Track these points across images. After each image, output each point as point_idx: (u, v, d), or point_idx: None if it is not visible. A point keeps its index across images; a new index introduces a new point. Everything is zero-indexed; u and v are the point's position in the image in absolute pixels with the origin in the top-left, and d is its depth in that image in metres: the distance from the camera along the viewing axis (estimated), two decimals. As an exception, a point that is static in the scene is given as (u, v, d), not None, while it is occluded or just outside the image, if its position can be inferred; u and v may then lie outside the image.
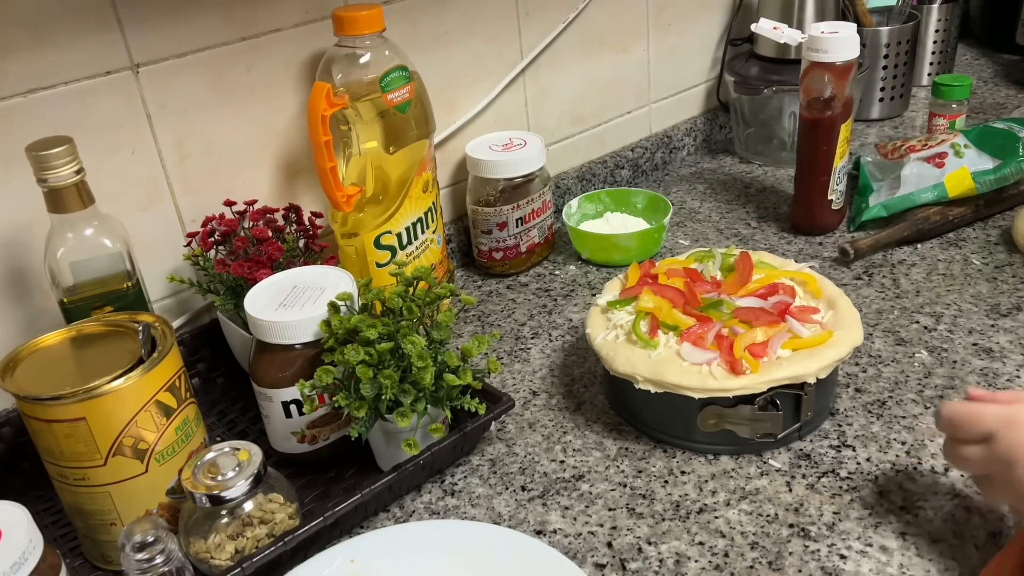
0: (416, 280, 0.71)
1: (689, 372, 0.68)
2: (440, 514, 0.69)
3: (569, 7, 1.08)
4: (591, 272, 1.02)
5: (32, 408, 0.60)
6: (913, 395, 0.76)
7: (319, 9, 0.87)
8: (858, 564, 0.60)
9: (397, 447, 0.68)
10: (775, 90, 1.17)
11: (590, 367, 0.85)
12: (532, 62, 1.07)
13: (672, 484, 0.69)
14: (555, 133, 1.13)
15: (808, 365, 0.68)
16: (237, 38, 0.82)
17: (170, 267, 0.84)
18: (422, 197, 0.88)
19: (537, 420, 0.78)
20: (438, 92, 0.96)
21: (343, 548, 0.62)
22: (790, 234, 1.05)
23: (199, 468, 0.61)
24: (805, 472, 0.69)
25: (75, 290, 0.71)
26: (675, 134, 1.27)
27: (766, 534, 0.64)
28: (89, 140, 0.75)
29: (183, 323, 0.87)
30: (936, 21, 1.37)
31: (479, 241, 1.02)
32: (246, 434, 0.80)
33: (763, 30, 1.11)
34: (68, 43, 0.73)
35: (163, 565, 0.53)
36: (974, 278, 0.92)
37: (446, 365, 0.67)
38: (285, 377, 0.70)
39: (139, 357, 0.62)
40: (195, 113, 0.82)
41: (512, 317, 0.95)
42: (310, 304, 0.71)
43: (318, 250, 0.84)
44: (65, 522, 0.70)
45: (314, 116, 0.79)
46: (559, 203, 1.11)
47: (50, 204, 0.68)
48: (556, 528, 0.66)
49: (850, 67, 0.95)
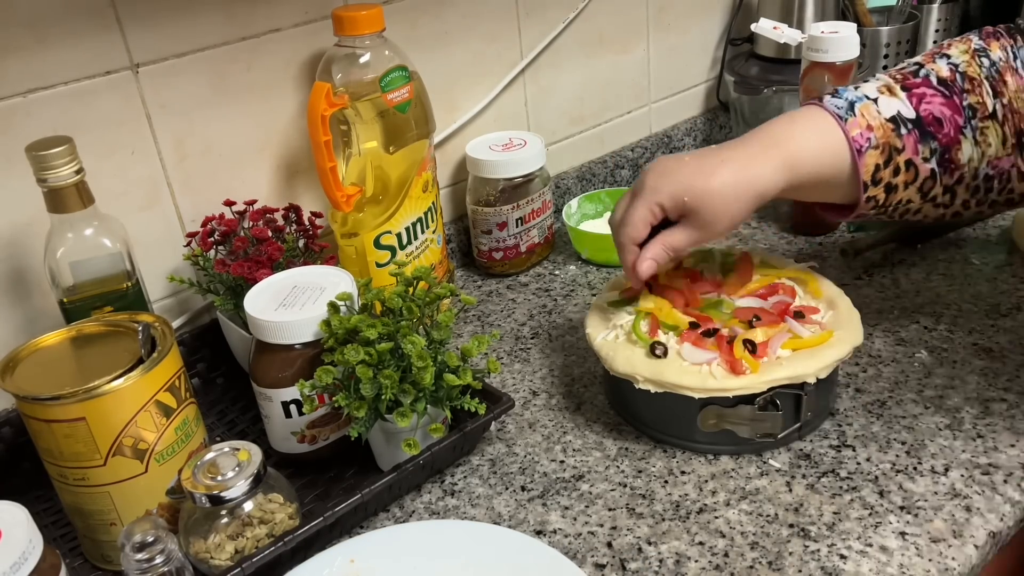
0: (416, 280, 0.71)
1: (689, 372, 0.68)
2: (440, 514, 0.69)
3: (569, 7, 1.08)
4: (591, 272, 1.02)
5: (32, 408, 0.60)
6: (913, 395, 0.76)
7: (319, 9, 0.87)
8: (858, 564, 0.60)
9: (397, 447, 0.68)
10: (775, 90, 1.16)
11: (590, 367, 0.85)
12: (532, 62, 1.07)
13: (672, 484, 0.69)
14: (555, 133, 1.13)
15: (808, 365, 0.68)
16: (237, 38, 0.82)
17: (170, 267, 0.84)
18: (422, 197, 0.88)
19: (537, 420, 0.78)
20: (438, 92, 0.96)
21: (343, 548, 0.62)
22: (790, 234, 1.05)
23: (199, 468, 0.61)
24: (805, 472, 0.69)
25: (75, 290, 0.71)
26: (675, 134, 1.27)
27: (766, 534, 0.64)
28: (89, 140, 0.75)
29: (183, 323, 0.87)
30: (936, 21, 1.37)
31: (479, 241, 1.02)
32: (246, 434, 0.79)
33: (763, 30, 1.11)
34: (68, 43, 0.73)
35: (163, 565, 0.53)
36: (974, 278, 0.92)
37: (446, 365, 0.67)
38: (285, 377, 0.70)
39: (139, 357, 0.62)
40: (195, 113, 0.82)
41: (512, 317, 0.95)
42: (310, 304, 0.71)
43: (318, 250, 0.84)
44: (65, 522, 0.70)
45: (314, 116, 0.79)
46: (559, 203, 1.11)
47: (50, 204, 0.68)
48: (556, 528, 0.66)
49: (850, 67, 0.95)
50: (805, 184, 0.68)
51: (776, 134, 0.68)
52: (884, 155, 0.67)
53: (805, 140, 0.67)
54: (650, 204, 0.69)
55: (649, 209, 0.69)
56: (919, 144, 0.67)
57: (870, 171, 0.67)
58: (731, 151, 0.68)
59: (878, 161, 0.67)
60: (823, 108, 0.69)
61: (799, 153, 0.67)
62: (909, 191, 0.69)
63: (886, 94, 0.69)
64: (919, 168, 0.68)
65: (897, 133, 0.67)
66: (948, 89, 0.69)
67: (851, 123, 0.67)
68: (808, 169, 0.67)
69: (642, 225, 0.70)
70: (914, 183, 0.68)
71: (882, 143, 0.67)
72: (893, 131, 0.67)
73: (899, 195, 0.69)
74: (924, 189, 0.69)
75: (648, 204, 0.69)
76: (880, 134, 0.67)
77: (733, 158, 0.68)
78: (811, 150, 0.67)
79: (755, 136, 0.69)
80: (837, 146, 0.67)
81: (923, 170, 0.68)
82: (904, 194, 0.69)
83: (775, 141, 0.68)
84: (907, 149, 0.67)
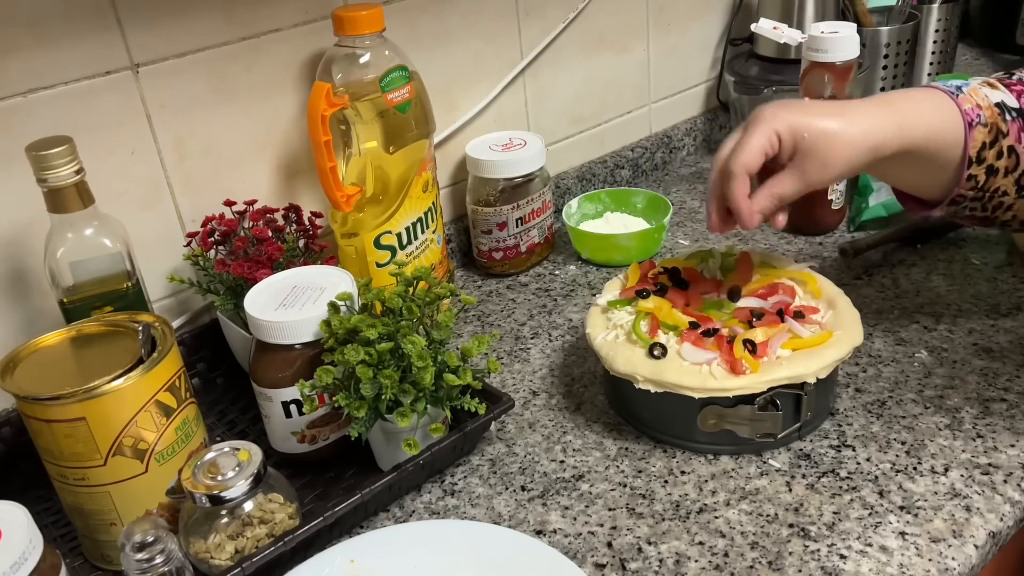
0: (416, 280, 0.71)
1: (689, 372, 0.68)
2: (440, 514, 0.69)
3: (569, 7, 1.08)
4: (591, 272, 1.02)
5: (32, 408, 0.60)
6: (913, 395, 0.76)
7: (319, 9, 0.87)
8: (858, 564, 0.60)
9: (397, 447, 0.68)
10: (775, 90, 1.16)
11: (590, 367, 0.85)
12: (532, 62, 1.07)
13: (672, 484, 0.69)
14: (555, 133, 1.13)
15: (808, 365, 0.68)
16: (237, 38, 0.82)
17: (170, 267, 0.84)
18: (422, 197, 0.88)
19: (537, 420, 0.78)
20: (438, 92, 0.96)
21: (343, 548, 0.62)
22: (790, 234, 1.05)
23: (199, 468, 0.61)
24: (805, 472, 0.69)
25: (75, 290, 0.71)
26: (675, 134, 1.27)
27: (766, 534, 0.64)
28: (89, 140, 0.75)
29: (183, 323, 0.87)
30: (936, 21, 1.37)
31: (479, 241, 1.02)
32: (246, 434, 0.79)
33: (763, 30, 1.11)
34: (68, 43, 0.73)
35: (163, 565, 0.53)
36: (974, 278, 0.92)
37: (446, 365, 0.67)
38: (285, 377, 0.70)
39: (139, 357, 0.62)
40: (195, 113, 0.82)
41: (512, 317, 0.95)
42: (310, 304, 0.71)
43: (318, 250, 0.84)
44: (65, 522, 0.70)
45: (314, 116, 0.79)
46: (559, 203, 1.11)
47: (50, 204, 0.68)
48: (556, 528, 0.66)
49: (850, 67, 0.95)
50: (914, 151, 0.67)
51: (892, 100, 0.68)
52: (991, 134, 0.67)
53: (921, 108, 0.67)
54: (769, 132, 0.66)
55: (768, 137, 0.66)
56: (1022, 133, 0.67)
57: (977, 146, 0.67)
58: (850, 104, 0.68)
59: (985, 139, 0.67)
60: (934, 87, 0.69)
61: (914, 118, 0.67)
62: (1008, 180, 0.68)
63: (987, 87, 0.69)
64: (1020, 157, 0.68)
65: (1003, 118, 0.67)
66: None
67: (962, 99, 0.67)
68: (921, 135, 0.67)
69: (759, 153, 0.66)
70: (1014, 172, 0.68)
71: (990, 123, 0.67)
72: (1000, 115, 0.67)
73: (998, 181, 0.68)
74: (1021, 182, 0.69)
75: (767, 132, 0.66)
76: (989, 114, 0.67)
77: (854, 108, 0.67)
78: (926, 117, 0.67)
79: (874, 98, 0.69)
80: (950, 117, 0.67)
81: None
82: (1003, 182, 0.68)
83: (892, 104, 0.67)
84: (1011, 134, 0.67)
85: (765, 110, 0.67)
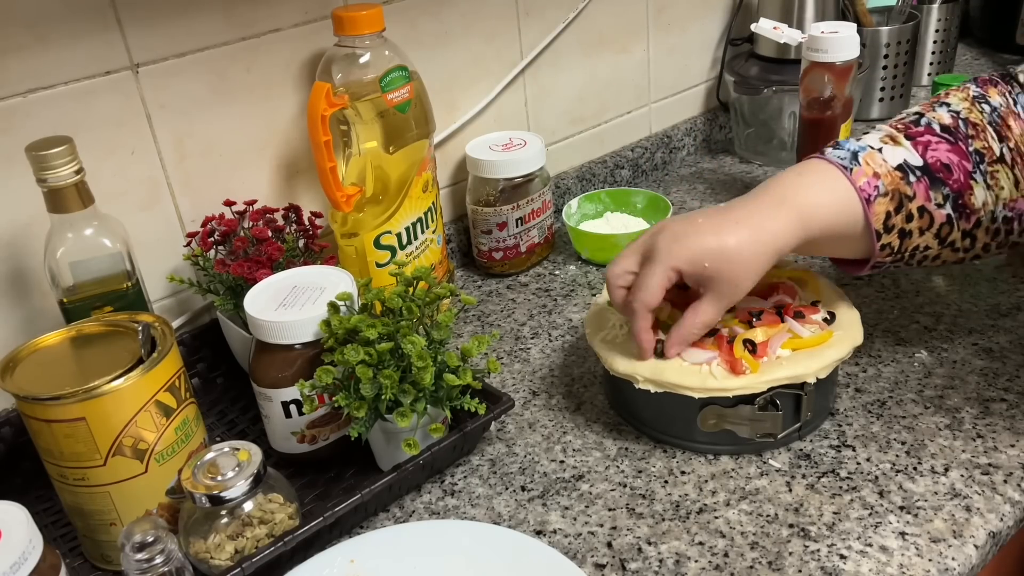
0: (416, 280, 0.71)
1: (689, 372, 0.68)
2: (440, 514, 0.69)
3: (569, 7, 1.08)
4: (591, 272, 1.02)
5: (32, 408, 0.60)
6: (913, 395, 0.76)
7: (319, 9, 0.87)
8: (858, 564, 0.60)
9: (397, 447, 0.68)
10: (775, 90, 1.17)
11: (590, 367, 0.85)
12: (532, 62, 1.07)
13: (672, 484, 0.69)
14: (555, 133, 1.13)
15: (808, 365, 0.68)
16: (237, 38, 0.82)
17: (170, 267, 0.84)
18: (422, 197, 0.88)
19: (537, 420, 0.78)
20: (438, 92, 0.97)
21: (343, 548, 0.62)
22: (790, 234, 1.05)
23: (199, 468, 0.61)
24: (805, 472, 0.69)
25: (75, 290, 0.71)
26: (675, 134, 1.27)
27: (766, 534, 0.64)
28: (89, 140, 0.75)
29: (183, 323, 0.87)
30: (936, 21, 1.37)
31: (479, 241, 1.02)
32: (246, 434, 0.79)
33: (763, 30, 1.11)
34: (68, 43, 0.73)
35: (163, 565, 0.53)
36: (974, 278, 0.92)
37: (446, 365, 0.67)
38: (285, 377, 0.70)
39: (139, 357, 0.62)
40: (195, 113, 0.82)
41: (512, 317, 0.95)
42: (310, 304, 0.71)
43: (318, 250, 0.84)
44: (65, 522, 0.70)
45: (314, 116, 0.79)
46: (559, 203, 1.11)
47: (50, 204, 0.68)
48: (556, 528, 0.66)
49: (850, 67, 0.95)
50: (819, 238, 0.67)
51: (785, 190, 0.67)
52: (894, 202, 0.66)
53: (814, 194, 0.66)
54: (666, 269, 0.66)
55: (666, 275, 0.66)
56: (930, 191, 0.66)
57: (880, 219, 0.66)
58: (742, 210, 0.67)
59: (888, 208, 0.66)
60: (826, 160, 0.68)
61: (810, 208, 0.66)
62: (925, 237, 0.67)
63: (890, 143, 0.68)
64: (933, 214, 0.67)
65: (906, 181, 0.66)
66: (952, 135, 0.68)
67: (856, 173, 0.66)
68: (821, 223, 0.66)
69: (659, 291, 0.67)
70: (930, 229, 0.67)
71: (891, 190, 0.66)
72: (902, 179, 0.66)
73: (915, 241, 0.67)
74: (942, 235, 0.68)
75: (665, 269, 0.66)
76: (888, 181, 0.66)
77: (747, 217, 0.66)
78: (821, 204, 0.66)
79: (764, 193, 0.68)
80: (846, 197, 0.66)
81: (938, 216, 0.67)
82: (920, 240, 0.67)
83: (784, 197, 0.66)
84: (919, 196, 0.66)
85: (660, 242, 0.66)
